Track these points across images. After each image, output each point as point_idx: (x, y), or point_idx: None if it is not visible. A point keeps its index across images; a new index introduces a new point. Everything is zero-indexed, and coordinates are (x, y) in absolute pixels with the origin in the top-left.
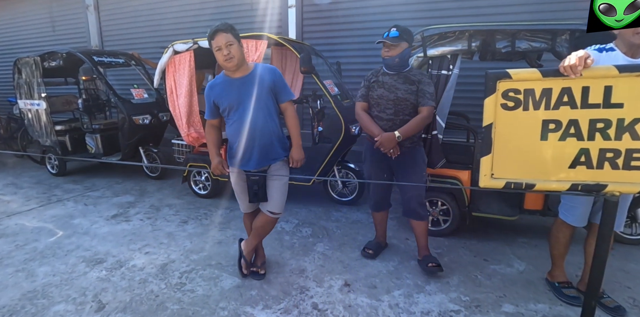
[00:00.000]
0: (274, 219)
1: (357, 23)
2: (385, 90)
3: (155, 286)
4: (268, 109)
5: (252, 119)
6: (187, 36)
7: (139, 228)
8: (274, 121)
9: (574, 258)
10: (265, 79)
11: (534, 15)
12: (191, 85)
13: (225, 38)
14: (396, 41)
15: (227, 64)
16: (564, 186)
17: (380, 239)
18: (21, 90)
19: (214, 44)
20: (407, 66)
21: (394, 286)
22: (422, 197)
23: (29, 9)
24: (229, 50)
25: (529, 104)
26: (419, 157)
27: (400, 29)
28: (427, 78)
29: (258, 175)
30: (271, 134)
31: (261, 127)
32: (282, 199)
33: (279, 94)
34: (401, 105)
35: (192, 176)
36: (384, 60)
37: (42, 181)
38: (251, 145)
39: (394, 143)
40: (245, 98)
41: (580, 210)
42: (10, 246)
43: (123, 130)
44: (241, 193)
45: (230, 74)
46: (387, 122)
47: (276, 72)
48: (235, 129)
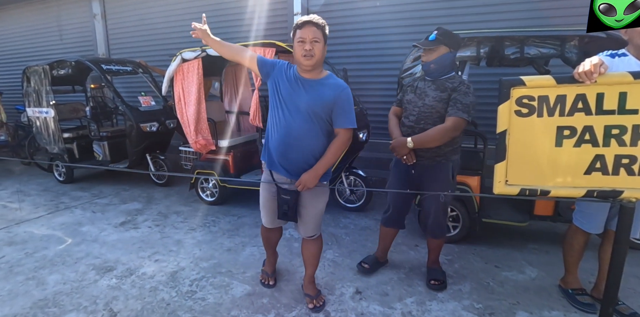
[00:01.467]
0: (315, 241)
1: (363, 30)
2: (415, 95)
3: (166, 294)
4: (319, 124)
5: (297, 129)
6: (193, 44)
7: (147, 235)
8: (322, 139)
9: (587, 265)
10: (328, 93)
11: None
12: (199, 92)
13: (314, 33)
14: (432, 45)
15: (304, 61)
16: (579, 192)
17: (380, 254)
18: (30, 98)
19: (299, 34)
20: (447, 73)
21: (406, 293)
22: (442, 217)
23: (38, 18)
24: (312, 47)
25: (544, 110)
26: (441, 173)
27: (440, 31)
28: (465, 87)
29: (291, 194)
30: (314, 151)
31: (304, 139)
32: (317, 224)
33: (336, 117)
34: (425, 112)
35: (200, 183)
36: (421, 65)
37: (50, 188)
38: (285, 152)
39: (406, 150)
40: (297, 101)
41: (596, 217)
42: (20, 254)
43: (131, 138)
44: (268, 207)
45: (301, 71)
46: (407, 128)
47: (344, 92)
48: (278, 126)
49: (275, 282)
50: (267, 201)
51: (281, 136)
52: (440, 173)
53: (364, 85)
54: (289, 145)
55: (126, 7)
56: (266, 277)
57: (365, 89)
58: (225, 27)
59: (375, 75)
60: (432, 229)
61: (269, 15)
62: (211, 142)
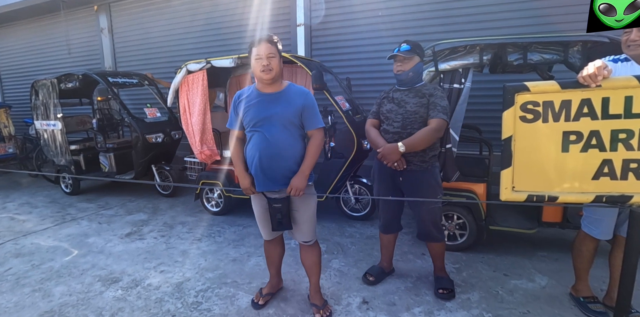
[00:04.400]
0: (313, 247)
1: (365, 39)
2: (395, 105)
3: (171, 305)
4: (293, 131)
5: (275, 138)
6: (197, 56)
7: (153, 246)
8: (299, 144)
9: (598, 272)
10: (297, 101)
11: (545, 27)
12: (204, 103)
13: (269, 49)
14: (409, 55)
15: (264, 76)
16: (588, 197)
17: (385, 264)
18: (38, 111)
19: (255, 52)
20: (420, 81)
21: (414, 303)
22: (437, 220)
23: (47, 33)
24: (269, 62)
25: (549, 116)
26: (431, 178)
27: (411, 43)
28: (440, 92)
29: (281, 202)
30: (295, 157)
31: (285, 149)
32: (312, 227)
33: (307, 120)
34: (410, 118)
35: (205, 193)
36: (396, 76)
37: (57, 200)
38: (271, 166)
39: (398, 155)
40: (272, 116)
41: (605, 222)
42: (26, 266)
43: (137, 149)
44: (263, 220)
45: (262, 87)
46: (394, 135)
47: (309, 96)
48: (256, 145)
49: (265, 304)
50: (261, 214)
51: (262, 151)
52: (431, 178)
53: (365, 94)
54: (271, 158)
55: (132, 21)
56: (258, 296)
57: (366, 97)
58: (228, 39)
59: (376, 84)
60: (428, 233)
61: (272, 27)
62: (216, 153)
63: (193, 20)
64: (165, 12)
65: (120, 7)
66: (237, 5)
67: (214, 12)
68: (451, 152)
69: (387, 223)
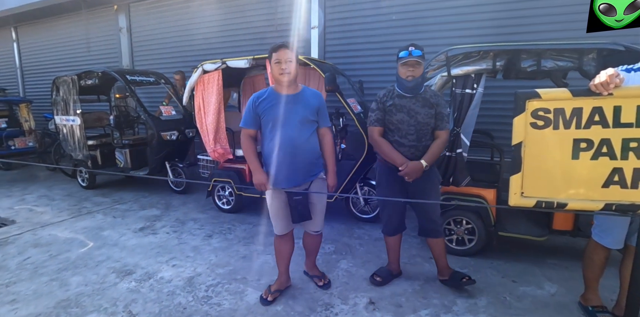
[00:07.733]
0: (320, 235)
1: (378, 43)
2: (406, 114)
3: (183, 299)
4: (310, 127)
5: (297, 136)
6: (212, 57)
7: (165, 241)
8: (314, 138)
9: (608, 281)
10: (313, 101)
11: (559, 33)
12: (219, 103)
13: (287, 54)
14: (422, 59)
15: (282, 78)
16: (597, 205)
17: (392, 266)
18: (58, 106)
19: (275, 57)
20: (422, 87)
21: (421, 306)
22: (439, 214)
23: (68, 31)
24: (287, 66)
25: (559, 123)
26: (434, 176)
27: (419, 47)
28: (443, 100)
29: (301, 194)
30: (313, 152)
31: (305, 144)
32: (322, 218)
33: (321, 119)
34: (423, 130)
35: (216, 191)
36: (405, 82)
37: (73, 193)
38: (294, 161)
39: (421, 173)
40: (292, 115)
41: (615, 231)
42: (44, 256)
43: (152, 146)
44: (281, 213)
45: (280, 89)
46: (410, 148)
47: (322, 97)
48: (277, 144)
49: (273, 300)
50: (280, 209)
51: (285, 148)
52: (432, 174)
53: None
54: (294, 155)
55: (150, 21)
56: (267, 293)
57: None
58: (243, 41)
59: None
60: (432, 228)
61: (286, 30)
62: (229, 151)
63: (209, 21)
64: (183, 13)
65: (139, 7)
66: (253, 7)
67: (229, 14)
68: (462, 156)
69: (397, 225)
